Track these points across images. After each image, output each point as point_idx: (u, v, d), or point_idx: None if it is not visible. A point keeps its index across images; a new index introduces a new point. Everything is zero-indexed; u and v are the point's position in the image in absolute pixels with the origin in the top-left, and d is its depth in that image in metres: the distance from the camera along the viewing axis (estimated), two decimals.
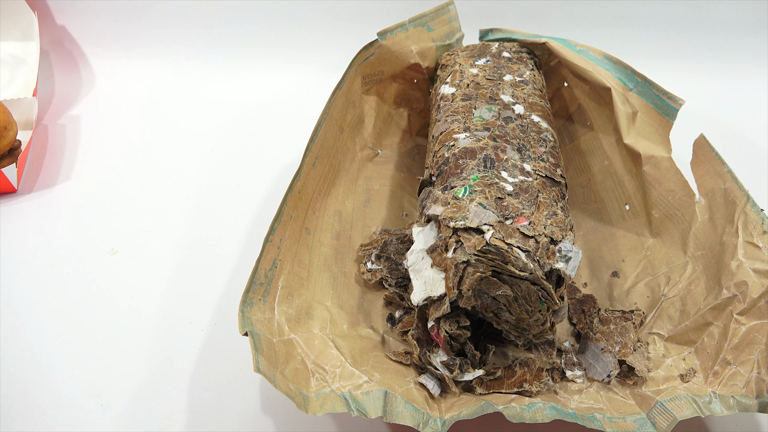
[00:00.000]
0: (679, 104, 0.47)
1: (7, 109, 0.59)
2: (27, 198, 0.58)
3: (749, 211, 0.40)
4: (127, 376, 0.43)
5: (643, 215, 0.49)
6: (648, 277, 0.46)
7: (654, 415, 0.35)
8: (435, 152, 0.46)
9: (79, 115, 0.70)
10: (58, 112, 0.71)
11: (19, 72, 0.71)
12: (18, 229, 0.55)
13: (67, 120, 0.69)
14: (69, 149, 0.65)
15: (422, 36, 0.59)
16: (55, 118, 0.69)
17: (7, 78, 0.71)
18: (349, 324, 0.43)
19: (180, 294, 0.49)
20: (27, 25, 0.73)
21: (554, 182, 0.42)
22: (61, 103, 0.72)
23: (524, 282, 0.36)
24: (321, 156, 0.49)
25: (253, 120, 0.70)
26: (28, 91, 0.69)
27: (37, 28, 0.71)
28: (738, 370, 0.36)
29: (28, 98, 0.64)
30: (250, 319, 0.36)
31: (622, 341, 0.41)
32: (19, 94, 0.69)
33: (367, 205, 0.53)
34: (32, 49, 0.72)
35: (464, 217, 0.38)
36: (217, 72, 0.77)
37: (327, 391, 0.35)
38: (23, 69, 0.71)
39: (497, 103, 0.48)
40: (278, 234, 0.42)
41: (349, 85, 0.54)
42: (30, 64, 0.72)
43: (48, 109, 0.71)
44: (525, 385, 0.38)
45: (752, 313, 0.37)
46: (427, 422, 0.35)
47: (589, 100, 0.57)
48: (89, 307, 0.48)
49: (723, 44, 0.78)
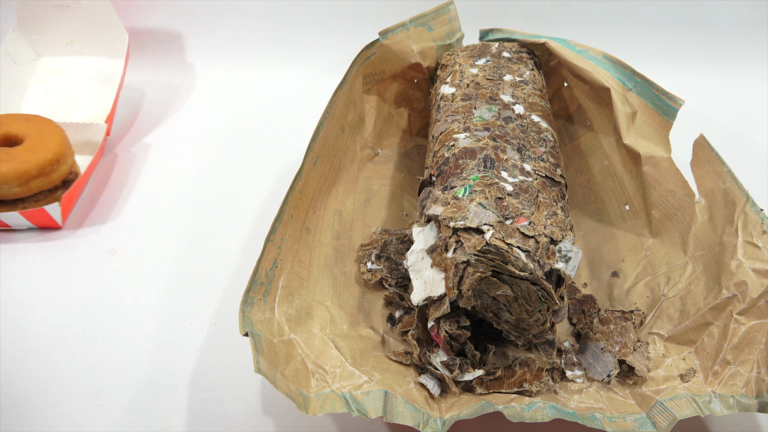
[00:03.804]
0: (679, 104, 0.47)
1: (66, 140, 0.56)
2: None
3: (749, 211, 0.40)
4: (127, 376, 0.43)
5: (643, 215, 0.49)
6: (648, 277, 0.46)
7: (654, 414, 0.35)
8: (435, 152, 0.46)
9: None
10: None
11: (104, 90, 0.68)
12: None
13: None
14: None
15: (423, 35, 0.59)
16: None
17: (93, 94, 0.68)
18: (349, 324, 0.43)
19: (180, 294, 0.49)
20: (118, 43, 0.69)
21: (554, 182, 0.42)
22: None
23: (524, 282, 0.36)
24: (322, 156, 0.49)
25: (254, 120, 0.70)
26: (103, 114, 0.65)
27: (126, 47, 0.68)
28: (738, 370, 0.36)
29: (97, 124, 0.60)
30: (251, 319, 0.36)
31: (622, 341, 0.41)
32: (98, 114, 0.66)
33: (367, 205, 0.53)
34: (120, 68, 0.68)
35: (464, 217, 0.38)
36: (217, 72, 0.77)
37: (327, 391, 0.35)
38: (109, 87, 0.68)
39: (497, 103, 0.48)
40: (279, 234, 0.42)
41: (351, 85, 0.54)
42: (116, 85, 0.67)
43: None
44: (525, 385, 0.38)
45: (752, 312, 0.37)
46: (427, 422, 0.35)
47: (588, 100, 0.57)
48: (89, 307, 0.48)
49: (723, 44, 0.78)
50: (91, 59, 0.70)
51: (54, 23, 0.69)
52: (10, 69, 0.66)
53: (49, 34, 0.69)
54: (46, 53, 0.70)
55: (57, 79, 0.69)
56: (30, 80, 0.68)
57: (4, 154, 0.53)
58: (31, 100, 0.67)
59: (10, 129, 0.55)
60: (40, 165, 0.53)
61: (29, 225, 0.54)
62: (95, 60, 0.70)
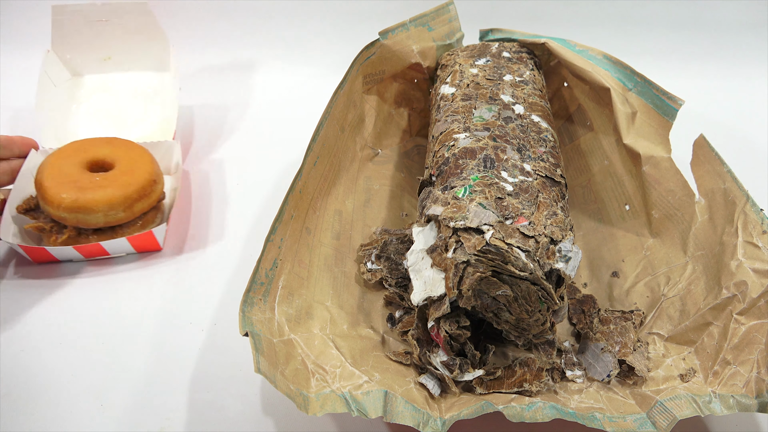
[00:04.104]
0: (679, 104, 0.47)
1: (155, 160, 0.54)
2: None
3: (749, 211, 0.40)
4: (127, 376, 0.43)
5: (643, 215, 0.49)
6: (648, 277, 0.46)
7: (654, 414, 0.35)
8: (435, 152, 0.46)
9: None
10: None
11: (150, 105, 0.65)
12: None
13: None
14: None
15: (423, 35, 0.59)
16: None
17: (141, 111, 0.65)
18: (349, 324, 0.43)
19: (180, 294, 0.49)
20: (161, 55, 0.67)
21: (554, 182, 0.42)
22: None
23: (524, 282, 0.36)
24: (322, 155, 0.49)
25: (253, 120, 0.70)
26: (166, 131, 0.62)
27: (173, 57, 0.65)
28: (738, 370, 0.36)
29: (168, 141, 0.58)
30: (251, 319, 0.36)
31: (622, 341, 0.41)
32: (153, 131, 0.63)
33: (367, 205, 0.53)
34: (167, 81, 0.66)
35: (464, 217, 0.38)
36: (218, 72, 0.77)
37: (327, 391, 0.35)
38: (157, 101, 0.66)
39: (497, 103, 0.48)
40: (279, 233, 0.42)
41: (351, 85, 0.54)
42: (166, 100, 0.65)
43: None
44: (525, 385, 0.38)
45: (752, 312, 0.37)
46: (427, 422, 0.35)
47: (588, 100, 0.57)
48: (89, 307, 0.48)
49: (723, 44, 0.78)
50: (130, 74, 0.68)
51: (90, 39, 0.66)
52: (50, 91, 0.63)
53: (85, 51, 0.66)
54: (82, 71, 0.67)
55: (98, 98, 0.66)
56: (71, 101, 0.65)
57: (103, 179, 0.50)
58: (77, 121, 0.63)
59: (97, 154, 0.53)
60: (141, 187, 0.50)
61: (130, 250, 0.51)
62: (135, 75, 0.68)
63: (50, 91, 0.63)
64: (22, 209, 0.51)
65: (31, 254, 0.49)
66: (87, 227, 0.49)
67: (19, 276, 0.50)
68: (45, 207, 0.49)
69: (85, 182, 0.49)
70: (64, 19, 0.64)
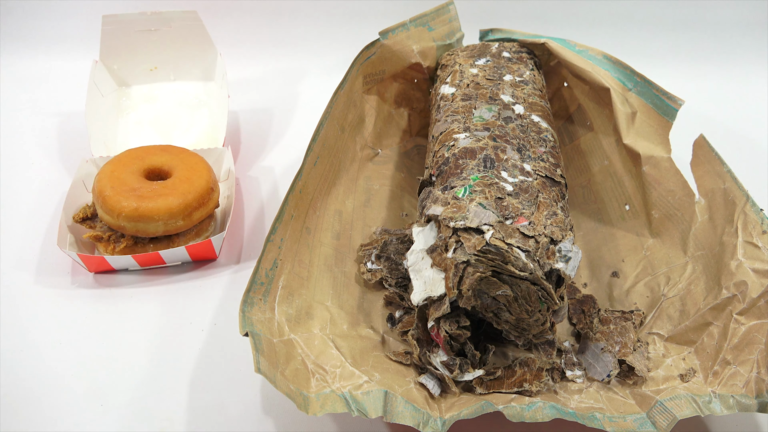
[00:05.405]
0: (679, 104, 0.47)
1: (210, 166, 0.53)
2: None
3: (749, 211, 0.40)
4: (127, 376, 0.43)
5: (642, 215, 0.49)
6: (648, 277, 0.46)
7: (654, 414, 0.35)
8: (435, 152, 0.46)
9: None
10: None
11: (197, 114, 0.65)
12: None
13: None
14: None
15: (423, 35, 0.59)
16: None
17: (188, 120, 0.65)
18: (349, 324, 0.43)
19: (180, 294, 0.49)
20: (208, 64, 0.67)
21: (554, 182, 0.42)
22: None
23: (524, 282, 0.36)
24: (322, 155, 0.49)
25: (253, 120, 0.70)
26: (215, 138, 0.63)
27: (221, 67, 0.65)
28: (738, 370, 0.36)
29: (219, 148, 0.58)
30: (251, 319, 0.36)
31: (622, 341, 0.41)
32: (200, 139, 0.63)
33: (367, 205, 0.53)
34: (214, 90, 0.66)
35: (464, 217, 0.38)
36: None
37: (327, 391, 0.35)
38: (203, 111, 0.65)
39: (497, 103, 0.48)
40: (279, 234, 0.42)
41: (351, 85, 0.54)
42: (213, 108, 0.65)
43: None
44: (525, 385, 0.38)
45: (752, 312, 0.37)
46: (427, 422, 0.35)
47: (588, 100, 0.57)
48: (89, 307, 0.48)
49: (723, 44, 0.78)
50: (176, 84, 0.68)
51: (137, 49, 0.66)
52: (98, 100, 0.63)
53: (132, 61, 0.66)
54: (129, 81, 0.67)
55: (145, 108, 0.66)
56: (119, 111, 0.65)
57: (162, 187, 0.49)
58: (126, 130, 0.64)
59: (154, 162, 0.52)
60: (200, 195, 0.50)
61: (186, 259, 0.51)
62: (181, 84, 0.68)
63: (98, 100, 0.63)
64: (79, 218, 0.50)
65: (88, 264, 0.49)
66: (145, 236, 0.49)
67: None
68: (104, 216, 0.48)
69: (145, 191, 0.48)
70: (114, 30, 0.64)
